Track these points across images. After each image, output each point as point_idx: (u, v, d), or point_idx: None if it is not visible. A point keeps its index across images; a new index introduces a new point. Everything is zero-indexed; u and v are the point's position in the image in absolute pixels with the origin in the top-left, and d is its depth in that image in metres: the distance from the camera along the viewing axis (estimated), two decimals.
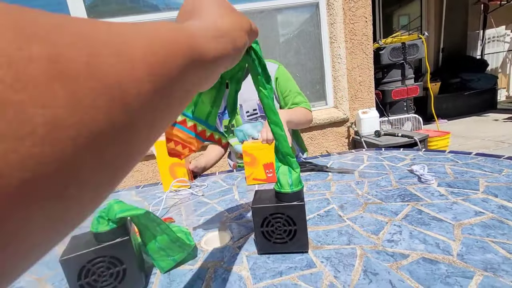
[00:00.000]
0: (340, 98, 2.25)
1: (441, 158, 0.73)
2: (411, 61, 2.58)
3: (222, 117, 1.01)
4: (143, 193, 0.79)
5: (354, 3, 2.12)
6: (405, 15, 5.20)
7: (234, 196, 0.66)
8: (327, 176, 0.71)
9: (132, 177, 2.17)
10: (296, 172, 0.37)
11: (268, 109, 0.34)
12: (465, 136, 3.22)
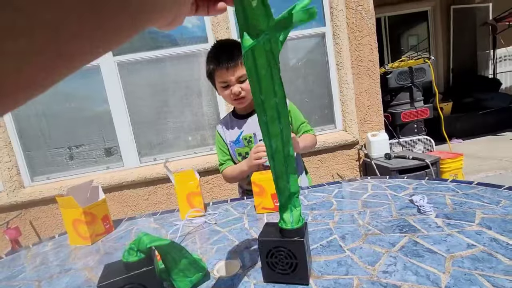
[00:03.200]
0: (349, 121, 2.30)
1: (442, 187, 0.77)
2: (419, 84, 2.62)
3: (235, 145, 1.08)
4: (160, 220, 0.85)
5: (359, 32, 2.22)
6: (414, 35, 5.30)
7: (244, 224, 0.71)
8: (331, 205, 0.76)
9: (147, 200, 2.25)
10: (297, 210, 0.42)
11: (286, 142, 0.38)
12: (481, 156, 3.14)
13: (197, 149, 2.31)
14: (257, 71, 0.32)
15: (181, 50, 2.16)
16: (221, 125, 1.13)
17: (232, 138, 1.08)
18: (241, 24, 0.29)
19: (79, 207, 0.73)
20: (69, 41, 0.13)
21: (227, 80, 0.94)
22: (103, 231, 0.79)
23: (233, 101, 0.99)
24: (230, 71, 0.91)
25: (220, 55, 0.91)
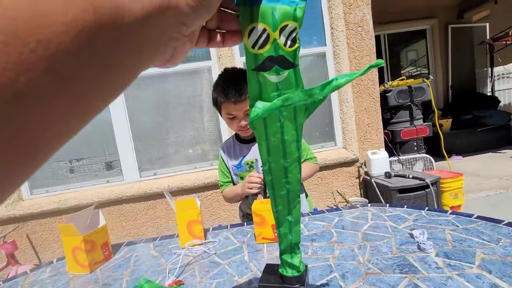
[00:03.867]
0: (349, 139, 2.31)
1: (442, 220, 0.77)
2: (418, 103, 2.65)
3: (237, 169, 1.09)
4: (160, 247, 0.85)
5: (359, 52, 2.27)
6: (413, 50, 5.39)
7: (244, 256, 0.71)
8: (331, 237, 0.76)
9: (146, 214, 2.24)
10: (298, 257, 0.42)
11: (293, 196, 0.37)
12: (481, 175, 3.14)
13: (197, 164, 2.31)
14: (267, 137, 0.32)
15: (184, 67, 2.19)
16: (224, 148, 1.14)
17: (234, 162, 1.09)
18: (253, 94, 0.29)
19: (79, 235, 0.73)
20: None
21: (234, 114, 0.94)
22: (102, 258, 0.78)
23: (239, 131, 1.01)
24: (238, 106, 0.90)
25: (229, 89, 0.89)
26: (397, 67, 5.30)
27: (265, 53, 0.26)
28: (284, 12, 0.25)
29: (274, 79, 0.28)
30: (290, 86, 0.29)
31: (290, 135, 0.32)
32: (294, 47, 0.27)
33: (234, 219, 2.31)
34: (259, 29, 0.25)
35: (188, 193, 2.21)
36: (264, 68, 0.27)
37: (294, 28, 0.26)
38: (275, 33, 0.26)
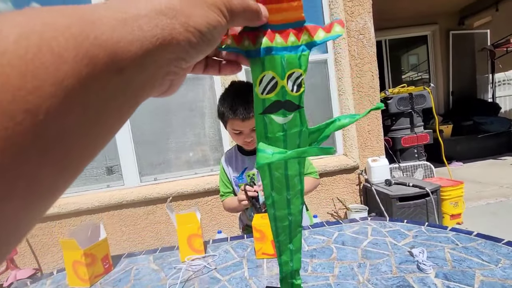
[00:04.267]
0: (350, 146, 2.31)
1: (442, 237, 0.77)
2: (419, 110, 2.66)
3: (238, 181, 1.09)
4: (160, 260, 0.85)
5: (361, 60, 2.27)
6: (414, 54, 5.41)
7: (244, 272, 0.71)
8: (331, 253, 0.76)
9: (146, 219, 2.24)
10: (298, 284, 0.43)
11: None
12: (482, 182, 3.14)
13: (198, 170, 2.32)
14: (271, 172, 0.32)
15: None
16: (226, 159, 1.14)
17: (236, 173, 1.09)
18: (258, 133, 0.29)
19: (80, 249, 0.73)
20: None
21: (241, 130, 0.93)
22: (102, 271, 0.79)
23: (243, 145, 1.01)
24: (245, 123, 0.90)
25: (237, 107, 0.88)
26: (398, 72, 5.31)
27: (272, 97, 0.27)
28: (290, 60, 0.26)
29: (281, 120, 0.28)
30: (295, 126, 0.29)
31: (294, 170, 0.33)
32: (300, 91, 0.28)
33: (233, 224, 2.31)
34: (268, 77, 0.26)
35: (188, 198, 2.21)
36: (271, 111, 0.28)
37: (300, 74, 0.27)
38: (283, 81, 0.27)
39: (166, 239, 2.27)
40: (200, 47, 0.19)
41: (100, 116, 0.14)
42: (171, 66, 0.18)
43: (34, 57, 0.11)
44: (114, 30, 0.14)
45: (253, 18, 0.22)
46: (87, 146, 0.14)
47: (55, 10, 0.12)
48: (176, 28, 0.16)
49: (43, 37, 0.11)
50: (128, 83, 0.15)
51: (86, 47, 0.12)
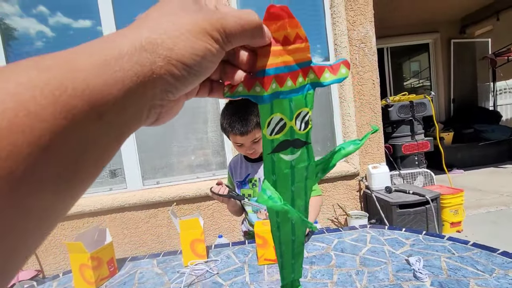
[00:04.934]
0: None
1: (439, 246, 0.79)
2: (419, 118, 2.68)
3: (241, 186, 1.12)
4: (163, 264, 0.87)
5: (362, 68, 2.31)
6: (415, 61, 5.44)
7: (245, 278, 0.73)
8: (330, 260, 0.78)
9: (148, 222, 2.26)
10: None
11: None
12: (482, 190, 3.15)
13: (200, 174, 2.34)
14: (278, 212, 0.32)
15: None
16: (232, 165, 1.19)
17: (239, 178, 1.12)
18: (266, 169, 0.29)
19: (87, 252, 0.75)
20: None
21: (241, 143, 0.97)
22: (107, 274, 0.81)
23: (246, 155, 1.05)
24: (244, 137, 0.93)
25: (235, 124, 0.92)
26: (399, 79, 5.34)
27: (280, 137, 0.27)
28: (298, 101, 0.26)
29: (289, 158, 0.29)
30: (303, 161, 0.30)
31: (300, 199, 0.33)
32: (307, 129, 0.28)
33: (234, 229, 2.32)
34: (276, 119, 0.26)
35: (190, 202, 2.23)
36: (279, 150, 0.28)
37: (307, 112, 0.27)
38: (291, 122, 0.27)
39: (167, 242, 2.28)
40: (186, 79, 0.18)
41: (81, 162, 0.14)
42: (155, 100, 0.17)
43: (10, 124, 0.11)
44: (95, 75, 0.14)
45: (255, 36, 0.20)
46: (68, 191, 0.14)
47: (32, 65, 0.12)
48: (157, 62, 0.16)
49: (19, 100, 0.11)
50: (109, 126, 0.15)
51: (64, 100, 0.12)
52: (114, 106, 0.14)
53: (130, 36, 0.16)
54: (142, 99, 0.16)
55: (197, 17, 0.17)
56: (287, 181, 0.30)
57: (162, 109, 0.19)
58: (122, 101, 0.15)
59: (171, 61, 0.16)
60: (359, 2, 2.24)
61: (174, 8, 0.18)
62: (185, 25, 0.17)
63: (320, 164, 0.31)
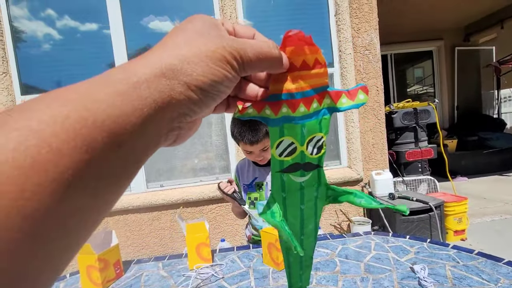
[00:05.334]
0: (354, 159, 2.34)
1: (443, 255, 0.79)
2: (423, 125, 2.68)
3: (248, 189, 1.13)
4: (169, 267, 0.88)
5: (366, 74, 2.32)
6: (419, 68, 5.45)
7: (251, 283, 0.74)
8: (335, 266, 0.78)
9: (151, 225, 2.27)
10: None
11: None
12: (487, 198, 3.12)
13: (203, 178, 2.36)
14: (287, 217, 0.31)
15: None
16: (238, 168, 1.21)
17: (246, 181, 1.14)
18: (275, 188, 0.29)
19: (94, 254, 0.77)
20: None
21: (251, 150, 0.99)
22: (113, 276, 0.82)
23: (255, 161, 1.08)
24: (253, 146, 0.96)
25: (245, 133, 0.94)
26: (403, 86, 5.35)
27: (291, 160, 0.27)
28: (311, 127, 0.26)
29: (299, 180, 0.28)
30: (313, 183, 0.29)
31: (310, 218, 0.32)
32: (320, 154, 0.27)
33: (237, 233, 2.33)
34: (286, 142, 0.26)
35: (193, 206, 2.24)
36: (288, 171, 0.27)
37: (321, 137, 0.27)
38: (302, 146, 0.26)
39: (169, 245, 2.29)
40: (204, 103, 0.18)
41: (101, 190, 0.14)
42: (173, 123, 0.18)
43: (33, 162, 0.11)
44: (113, 105, 0.14)
45: (272, 66, 0.21)
46: (87, 220, 0.14)
47: (53, 100, 0.13)
48: (176, 89, 0.16)
49: (41, 136, 0.12)
50: (129, 153, 0.15)
51: (85, 133, 0.13)
52: (133, 134, 0.15)
53: (151, 62, 0.17)
54: (160, 123, 0.17)
55: (216, 44, 0.18)
56: (296, 199, 0.29)
57: (180, 130, 0.20)
58: (141, 128, 0.15)
59: (190, 87, 0.17)
60: (364, 9, 2.26)
61: (193, 34, 0.18)
62: (204, 52, 0.17)
63: (332, 190, 0.30)
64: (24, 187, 0.11)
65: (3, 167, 0.11)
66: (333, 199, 0.31)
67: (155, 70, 0.16)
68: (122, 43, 2.17)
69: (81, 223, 0.14)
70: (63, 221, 0.13)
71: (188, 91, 0.17)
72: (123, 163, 0.15)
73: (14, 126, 0.12)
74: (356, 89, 0.27)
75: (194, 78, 0.17)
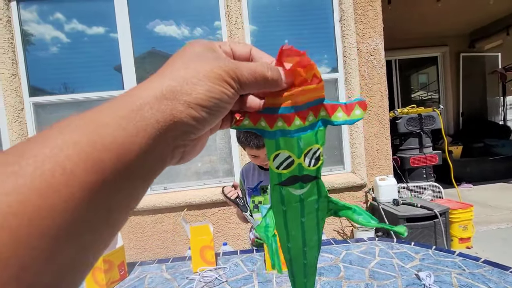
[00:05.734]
0: (358, 164, 2.33)
1: (449, 262, 0.78)
2: (428, 131, 2.67)
3: (252, 192, 1.14)
4: (172, 270, 0.88)
5: (370, 80, 2.32)
6: (424, 73, 5.44)
7: (254, 287, 0.74)
8: (339, 271, 0.78)
9: (154, 227, 2.27)
10: None
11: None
12: (492, 205, 3.08)
13: (207, 181, 2.36)
14: (287, 230, 0.31)
15: None
16: (243, 172, 1.22)
17: (251, 185, 1.15)
18: (274, 201, 0.29)
19: None
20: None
21: (257, 155, 1.00)
22: (118, 278, 0.82)
23: (261, 165, 1.09)
24: (260, 150, 0.97)
25: (251, 137, 0.95)
26: (407, 92, 5.34)
27: (288, 173, 0.27)
28: (307, 140, 0.26)
29: (298, 192, 0.28)
30: (313, 195, 0.29)
31: (312, 231, 0.32)
32: (318, 165, 0.27)
33: (239, 237, 2.32)
34: (283, 155, 0.26)
35: (196, 209, 2.24)
36: (287, 184, 0.28)
37: (317, 149, 0.27)
38: (299, 159, 0.26)
39: (172, 248, 2.29)
40: (205, 119, 0.19)
41: (112, 210, 0.15)
42: (177, 141, 0.19)
43: (48, 185, 0.12)
44: (119, 128, 0.15)
45: (267, 87, 0.22)
46: (98, 240, 0.15)
47: (65, 126, 0.14)
48: (177, 108, 0.17)
49: (56, 160, 0.13)
50: (136, 172, 0.16)
51: (95, 155, 0.14)
52: (139, 153, 0.16)
53: (152, 86, 0.18)
54: (165, 142, 0.18)
55: (213, 65, 0.19)
56: (297, 212, 0.29)
57: (185, 148, 0.21)
58: (146, 147, 0.16)
59: (190, 105, 0.18)
60: (368, 15, 2.28)
61: (192, 57, 0.19)
62: (201, 72, 0.19)
63: (333, 203, 0.30)
64: (40, 207, 0.12)
65: (23, 189, 0.12)
66: (334, 212, 0.31)
67: (156, 93, 0.17)
68: (129, 46, 2.20)
69: (95, 237, 0.15)
70: (76, 238, 0.13)
71: (188, 109, 0.18)
72: (130, 183, 0.16)
73: (31, 153, 0.13)
74: (354, 104, 0.26)
75: (194, 97, 0.18)
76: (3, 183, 0.12)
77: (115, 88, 2.22)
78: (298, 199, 0.29)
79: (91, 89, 2.22)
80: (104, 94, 2.21)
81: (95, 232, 0.15)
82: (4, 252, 0.11)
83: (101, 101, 2.23)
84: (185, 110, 0.18)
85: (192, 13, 2.32)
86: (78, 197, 0.13)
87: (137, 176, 0.16)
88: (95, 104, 0.16)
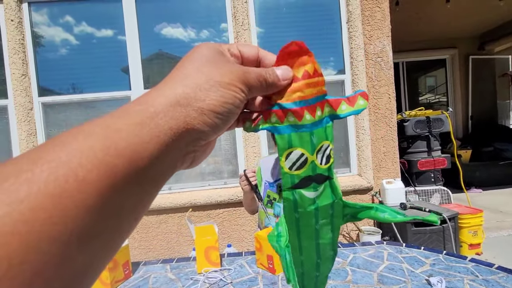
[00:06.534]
0: (364, 166, 2.30)
1: (461, 268, 0.76)
2: (436, 134, 2.62)
3: (269, 187, 1.13)
4: (177, 270, 0.87)
5: (378, 82, 2.30)
6: (431, 76, 5.37)
7: None
8: (346, 275, 0.76)
9: (158, 228, 2.28)
10: None
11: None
12: (503, 211, 3.01)
13: (211, 182, 2.36)
14: (300, 240, 0.29)
15: None
16: (262, 163, 1.21)
17: (269, 179, 1.15)
18: (287, 208, 0.28)
19: None
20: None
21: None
22: (122, 277, 0.82)
23: None
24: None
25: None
26: (415, 94, 5.27)
27: (302, 173, 0.26)
28: (319, 135, 0.25)
29: (312, 195, 0.27)
30: (327, 198, 0.28)
31: (326, 239, 0.30)
32: (329, 163, 0.27)
33: (243, 239, 2.30)
34: (296, 154, 0.25)
35: (200, 210, 2.24)
36: (301, 186, 0.27)
37: (328, 145, 0.26)
38: (312, 156, 0.26)
39: (176, 248, 2.28)
40: (217, 125, 0.19)
41: (122, 216, 0.15)
42: (189, 147, 0.19)
43: (61, 191, 0.12)
44: (133, 133, 0.15)
45: (270, 90, 0.23)
46: (108, 245, 0.15)
47: (79, 133, 0.14)
48: (190, 115, 0.18)
49: (69, 166, 0.13)
50: (147, 178, 0.16)
51: (107, 160, 0.14)
52: (151, 159, 0.16)
53: (166, 94, 0.18)
54: (177, 148, 0.18)
55: (224, 70, 0.20)
56: (311, 219, 0.28)
57: (196, 153, 0.21)
58: (158, 153, 0.16)
59: (204, 111, 0.18)
60: (376, 17, 2.26)
61: (202, 62, 0.20)
62: (214, 77, 0.19)
63: (349, 207, 0.29)
64: (52, 213, 0.12)
65: (37, 195, 0.12)
66: (351, 216, 0.29)
67: (170, 100, 0.18)
68: (137, 48, 2.22)
69: (107, 243, 0.15)
70: (87, 243, 0.13)
71: (202, 116, 0.18)
72: (141, 188, 0.16)
73: (46, 159, 0.13)
74: (356, 96, 0.27)
75: (207, 103, 0.18)
76: (17, 191, 0.12)
77: (122, 89, 2.24)
78: (312, 202, 0.27)
79: (98, 90, 2.24)
80: (111, 95, 2.23)
81: (105, 237, 0.15)
82: (15, 258, 0.11)
83: (108, 101, 2.26)
84: (198, 117, 0.18)
85: (198, 15, 2.33)
86: (90, 202, 0.13)
87: (148, 182, 0.16)
88: (102, 104, 0.16)
